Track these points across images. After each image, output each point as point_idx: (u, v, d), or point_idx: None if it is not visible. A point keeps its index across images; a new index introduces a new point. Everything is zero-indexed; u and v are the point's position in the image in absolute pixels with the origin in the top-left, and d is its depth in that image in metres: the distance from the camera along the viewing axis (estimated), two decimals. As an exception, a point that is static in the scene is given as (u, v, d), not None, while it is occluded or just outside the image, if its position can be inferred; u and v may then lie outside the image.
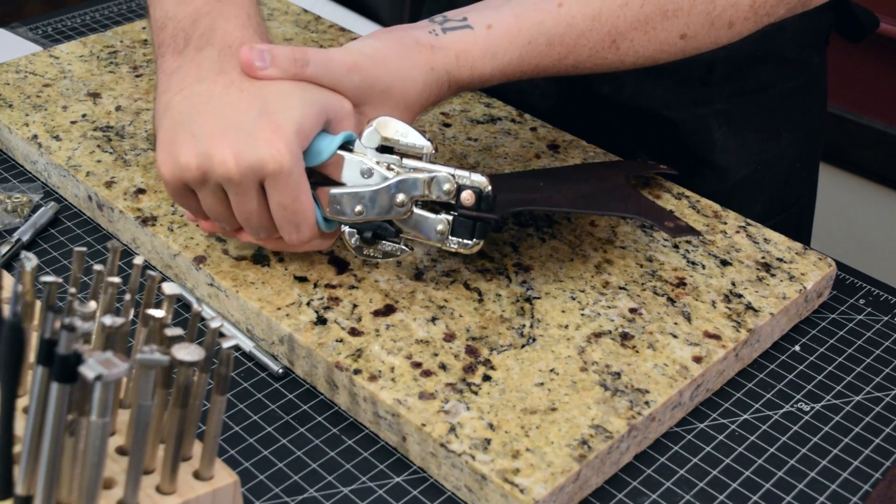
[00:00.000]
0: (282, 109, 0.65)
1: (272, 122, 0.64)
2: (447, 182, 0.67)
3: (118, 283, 0.57)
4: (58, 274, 0.77)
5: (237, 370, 0.70)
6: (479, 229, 0.68)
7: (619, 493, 0.63)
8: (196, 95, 0.67)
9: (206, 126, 0.65)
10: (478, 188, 0.67)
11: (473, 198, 0.67)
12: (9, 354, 0.50)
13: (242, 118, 0.65)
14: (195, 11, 0.71)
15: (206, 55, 0.68)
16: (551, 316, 0.71)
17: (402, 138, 0.68)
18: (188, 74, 0.68)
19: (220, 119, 0.65)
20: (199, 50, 0.69)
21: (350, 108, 0.68)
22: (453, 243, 0.69)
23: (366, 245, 0.70)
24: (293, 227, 0.67)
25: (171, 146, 0.66)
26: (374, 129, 0.68)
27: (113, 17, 1.11)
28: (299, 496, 0.61)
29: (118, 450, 0.56)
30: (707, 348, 0.69)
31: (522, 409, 0.63)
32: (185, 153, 0.65)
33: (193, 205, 0.69)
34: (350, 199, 0.68)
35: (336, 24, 1.06)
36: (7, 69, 0.95)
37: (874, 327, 0.76)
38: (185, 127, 0.66)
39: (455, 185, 0.67)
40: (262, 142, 0.64)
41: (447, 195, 0.67)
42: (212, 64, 0.68)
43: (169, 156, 0.66)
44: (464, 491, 0.61)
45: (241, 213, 0.67)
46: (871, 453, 0.66)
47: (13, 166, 0.89)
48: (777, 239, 0.79)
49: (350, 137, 0.68)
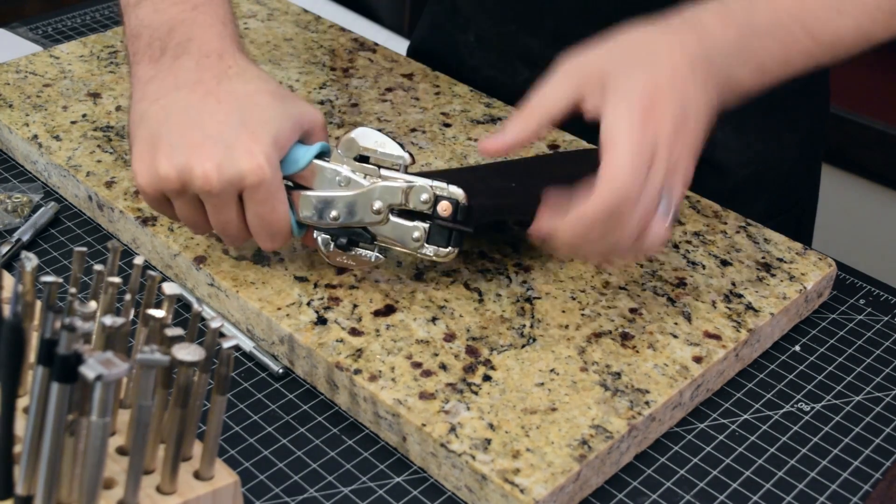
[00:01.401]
0: (259, 121, 0.65)
1: (251, 134, 0.65)
2: (425, 192, 0.67)
3: (118, 283, 0.57)
4: (58, 274, 0.77)
5: (237, 370, 0.70)
6: (454, 237, 0.69)
7: (620, 493, 0.63)
8: (173, 104, 0.67)
9: (185, 137, 0.65)
10: (455, 200, 0.67)
11: (450, 209, 0.67)
12: (9, 354, 0.50)
13: (221, 129, 0.65)
14: (171, 20, 0.70)
15: (183, 64, 0.68)
16: (551, 316, 0.71)
17: (380, 148, 0.68)
18: (164, 83, 0.68)
19: (199, 130, 0.65)
20: (176, 58, 0.69)
21: (323, 121, 0.69)
22: (429, 251, 0.69)
23: (340, 251, 0.70)
24: (268, 235, 0.68)
25: (149, 156, 0.66)
26: (353, 139, 0.68)
27: (113, 17, 1.11)
28: (299, 496, 0.61)
29: (118, 450, 0.56)
30: (707, 348, 0.69)
31: (523, 409, 0.63)
32: (164, 164, 0.65)
33: (169, 212, 0.69)
34: (326, 204, 0.68)
35: (336, 24, 1.06)
36: (7, 69, 0.95)
37: (874, 327, 0.76)
38: (163, 138, 0.66)
39: (433, 195, 0.67)
40: (242, 154, 0.64)
41: (424, 205, 0.67)
42: (189, 73, 0.68)
43: (146, 166, 0.66)
44: (464, 491, 0.61)
45: (218, 223, 0.68)
46: (871, 453, 0.66)
47: (13, 166, 0.89)
48: (777, 239, 0.79)
49: (325, 148, 0.69)
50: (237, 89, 0.67)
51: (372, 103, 0.92)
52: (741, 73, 0.68)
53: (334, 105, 0.92)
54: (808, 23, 0.69)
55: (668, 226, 0.63)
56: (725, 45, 0.67)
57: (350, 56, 1.00)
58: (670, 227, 0.64)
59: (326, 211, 0.68)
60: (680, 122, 0.62)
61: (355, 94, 0.93)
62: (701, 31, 0.66)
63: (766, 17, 0.68)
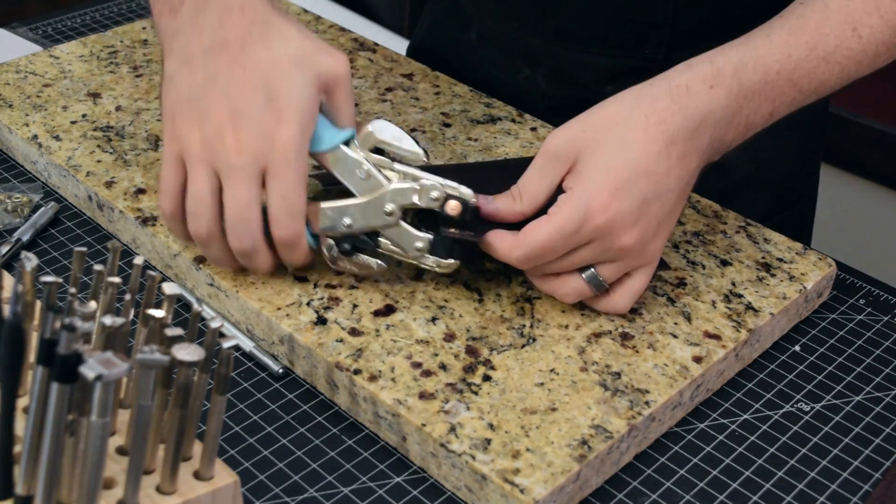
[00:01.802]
0: (286, 94, 0.66)
1: (278, 110, 0.65)
2: (435, 190, 0.67)
3: (118, 283, 0.57)
4: (58, 274, 0.77)
5: (237, 370, 0.70)
6: (456, 250, 0.69)
7: (620, 493, 0.63)
8: (200, 70, 0.67)
9: (213, 108, 0.66)
10: (465, 199, 0.68)
11: (460, 208, 0.68)
12: (9, 354, 0.50)
13: (249, 105, 0.66)
14: None
15: (206, 20, 0.68)
16: (551, 316, 0.71)
17: (397, 143, 0.68)
18: (190, 41, 0.68)
19: (227, 102, 0.66)
20: (197, 13, 0.69)
21: (343, 71, 0.69)
22: (430, 261, 0.69)
23: (343, 256, 0.70)
24: (287, 217, 0.67)
25: (179, 120, 0.67)
26: (371, 132, 0.68)
27: (113, 17, 1.11)
28: (299, 496, 0.61)
29: (118, 450, 0.56)
30: (707, 348, 0.69)
31: (522, 409, 0.63)
32: (192, 132, 0.66)
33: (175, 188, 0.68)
34: (341, 213, 0.69)
35: (336, 24, 1.06)
36: (7, 69, 0.95)
37: (874, 327, 0.76)
38: (192, 104, 0.66)
39: (444, 193, 0.67)
40: (269, 130, 0.65)
41: (435, 202, 0.68)
42: (213, 33, 0.68)
43: (174, 128, 0.67)
44: (464, 491, 0.61)
45: (232, 205, 0.66)
46: (871, 453, 0.66)
47: (13, 166, 0.89)
48: (777, 239, 0.79)
49: (351, 136, 0.69)
50: (261, 57, 0.67)
51: (372, 103, 0.92)
52: (729, 135, 0.69)
53: (334, 105, 0.92)
54: (795, 77, 0.70)
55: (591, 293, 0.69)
56: (714, 111, 0.67)
57: (350, 56, 1.00)
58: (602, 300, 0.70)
59: (340, 220, 0.69)
60: (638, 212, 0.66)
61: (355, 94, 0.93)
62: (686, 101, 0.67)
63: (755, 78, 0.69)
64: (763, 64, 0.69)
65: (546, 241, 0.66)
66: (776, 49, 0.69)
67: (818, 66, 0.70)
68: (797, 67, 0.70)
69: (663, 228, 0.68)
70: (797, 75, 0.70)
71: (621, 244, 0.66)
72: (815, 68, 0.70)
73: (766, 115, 0.70)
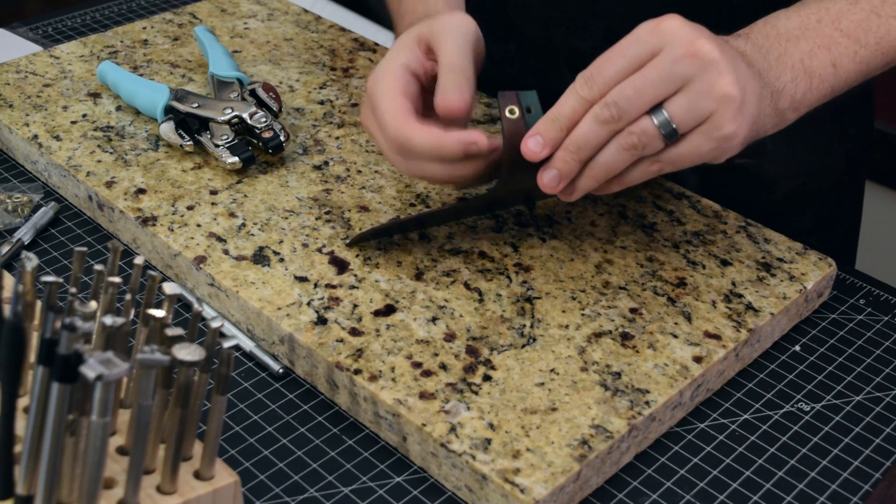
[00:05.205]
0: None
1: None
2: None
3: (118, 283, 0.57)
4: (58, 274, 0.77)
5: (237, 370, 0.70)
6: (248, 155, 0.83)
7: (620, 493, 0.63)
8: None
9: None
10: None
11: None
12: (9, 354, 0.50)
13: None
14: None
15: None
16: (551, 316, 0.71)
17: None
18: None
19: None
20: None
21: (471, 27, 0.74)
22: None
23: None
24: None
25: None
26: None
27: (113, 17, 1.11)
28: (299, 496, 0.62)
29: (119, 450, 0.56)
30: (707, 348, 0.69)
31: (523, 409, 0.64)
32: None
33: None
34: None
35: (336, 24, 1.06)
36: (7, 69, 0.95)
37: (874, 327, 0.76)
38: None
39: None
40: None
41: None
42: None
43: None
44: (464, 491, 0.61)
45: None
46: (872, 453, 0.66)
47: (13, 166, 0.89)
48: (777, 239, 0.79)
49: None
50: None
51: (372, 103, 0.92)
52: (785, 77, 0.68)
53: (334, 105, 0.92)
54: (843, 27, 0.69)
55: (661, 143, 0.63)
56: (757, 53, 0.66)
57: (350, 56, 1.00)
58: (659, 164, 0.65)
59: None
60: (724, 55, 0.62)
61: (355, 95, 0.93)
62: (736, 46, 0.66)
63: (791, 24, 0.68)
64: (797, 14, 0.68)
65: (614, 55, 0.62)
66: (810, 3, 0.69)
67: (868, 19, 0.69)
68: (840, 17, 0.68)
69: (745, 88, 0.63)
70: (845, 24, 0.68)
71: (695, 49, 0.61)
72: (864, 20, 0.69)
73: (826, 63, 0.68)
